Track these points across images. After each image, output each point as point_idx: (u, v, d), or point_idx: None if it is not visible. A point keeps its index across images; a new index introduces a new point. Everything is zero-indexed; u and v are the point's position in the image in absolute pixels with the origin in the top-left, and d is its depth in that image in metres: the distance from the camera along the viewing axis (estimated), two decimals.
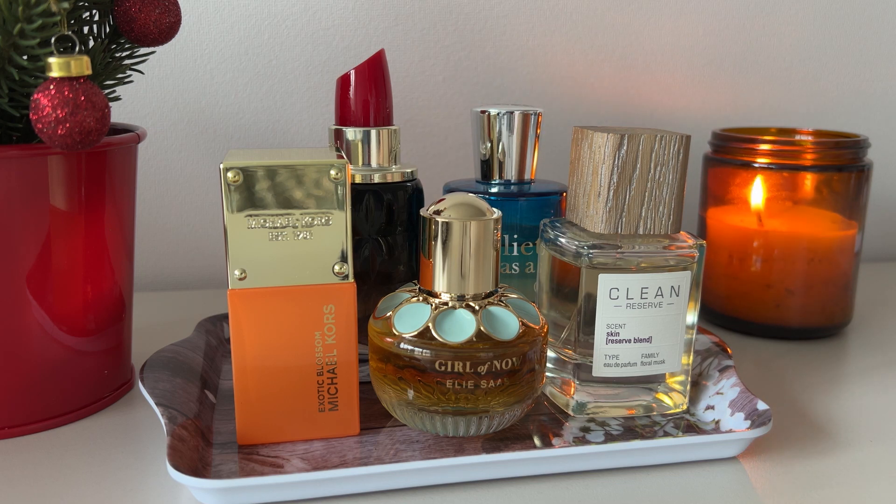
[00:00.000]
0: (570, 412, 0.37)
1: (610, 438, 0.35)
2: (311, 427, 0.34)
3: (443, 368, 0.32)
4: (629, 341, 0.36)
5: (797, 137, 0.54)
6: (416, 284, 0.36)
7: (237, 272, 0.32)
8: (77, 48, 0.31)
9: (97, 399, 0.38)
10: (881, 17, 0.66)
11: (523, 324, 0.33)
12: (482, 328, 0.32)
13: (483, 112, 0.43)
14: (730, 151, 0.50)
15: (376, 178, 0.39)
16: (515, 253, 0.43)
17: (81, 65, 0.30)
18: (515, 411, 0.34)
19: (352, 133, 0.40)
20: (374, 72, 0.40)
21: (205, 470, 0.31)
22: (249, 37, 0.56)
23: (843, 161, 0.48)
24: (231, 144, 0.58)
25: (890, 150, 0.68)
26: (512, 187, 0.44)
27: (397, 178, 0.40)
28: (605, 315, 0.35)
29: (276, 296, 0.32)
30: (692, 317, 0.37)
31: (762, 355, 0.47)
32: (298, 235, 0.32)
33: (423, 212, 0.34)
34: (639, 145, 0.35)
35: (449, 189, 0.44)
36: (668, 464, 0.34)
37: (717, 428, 0.36)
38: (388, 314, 0.34)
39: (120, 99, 0.39)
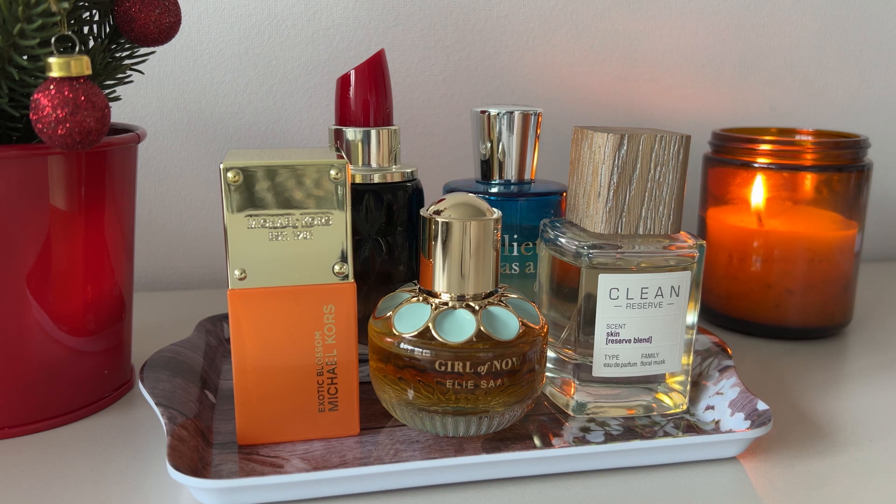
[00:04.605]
0: (570, 412, 0.37)
1: (610, 438, 0.35)
2: (311, 427, 0.34)
3: (443, 368, 0.32)
4: (629, 341, 0.36)
5: (797, 137, 0.54)
6: (416, 284, 0.36)
7: (237, 272, 0.32)
8: (77, 48, 0.31)
9: (97, 399, 0.38)
10: (881, 17, 0.66)
11: (523, 324, 0.33)
12: (482, 328, 0.32)
13: (483, 112, 0.43)
14: (730, 151, 0.50)
15: (376, 178, 0.39)
16: (515, 253, 0.43)
17: (81, 65, 0.30)
18: (515, 411, 0.34)
19: (352, 133, 0.40)
20: (374, 72, 0.40)
21: (205, 470, 0.31)
22: (249, 37, 0.56)
23: (843, 161, 0.48)
24: (231, 144, 0.58)
25: (890, 150, 0.68)
26: (512, 187, 0.44)
27: (397, 178, 0.40)
28: (605, 315, 0.35)
29: (276, 296, 0.32)
30: (692, 317, 0.37)
31: (762, 355, 0.47)
32: (298, 235, 0.32)
33: (423, 212, 0.34)
34: (639, 145, 0.35)
35: (449, 189, 0.44)
36: (668, 464, 0.34)
37: (717, 428, 0.36)
38: (388, 314, 0.34)
39: (120, 99, 0.39)
